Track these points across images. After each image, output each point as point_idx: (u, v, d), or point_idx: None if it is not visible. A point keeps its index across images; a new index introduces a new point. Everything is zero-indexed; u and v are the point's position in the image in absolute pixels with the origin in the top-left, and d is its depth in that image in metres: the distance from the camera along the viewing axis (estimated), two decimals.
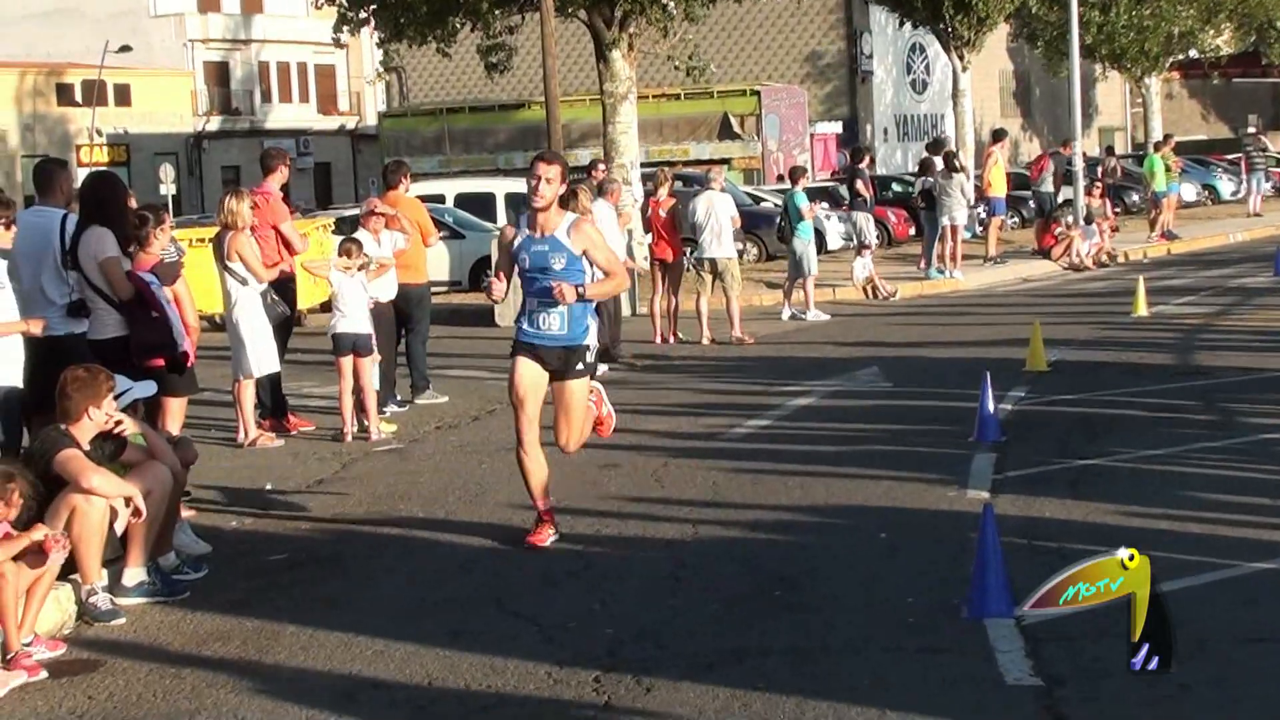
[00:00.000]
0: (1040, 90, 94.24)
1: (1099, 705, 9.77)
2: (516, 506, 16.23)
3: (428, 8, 38.29)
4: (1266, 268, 41.06)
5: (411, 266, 23.03)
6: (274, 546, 15.17)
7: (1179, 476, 16.62)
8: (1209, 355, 25.99)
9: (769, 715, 9.81)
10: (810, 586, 12.90)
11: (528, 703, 10.26)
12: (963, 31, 57.12)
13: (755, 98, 63.46)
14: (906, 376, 24.77)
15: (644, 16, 38.33)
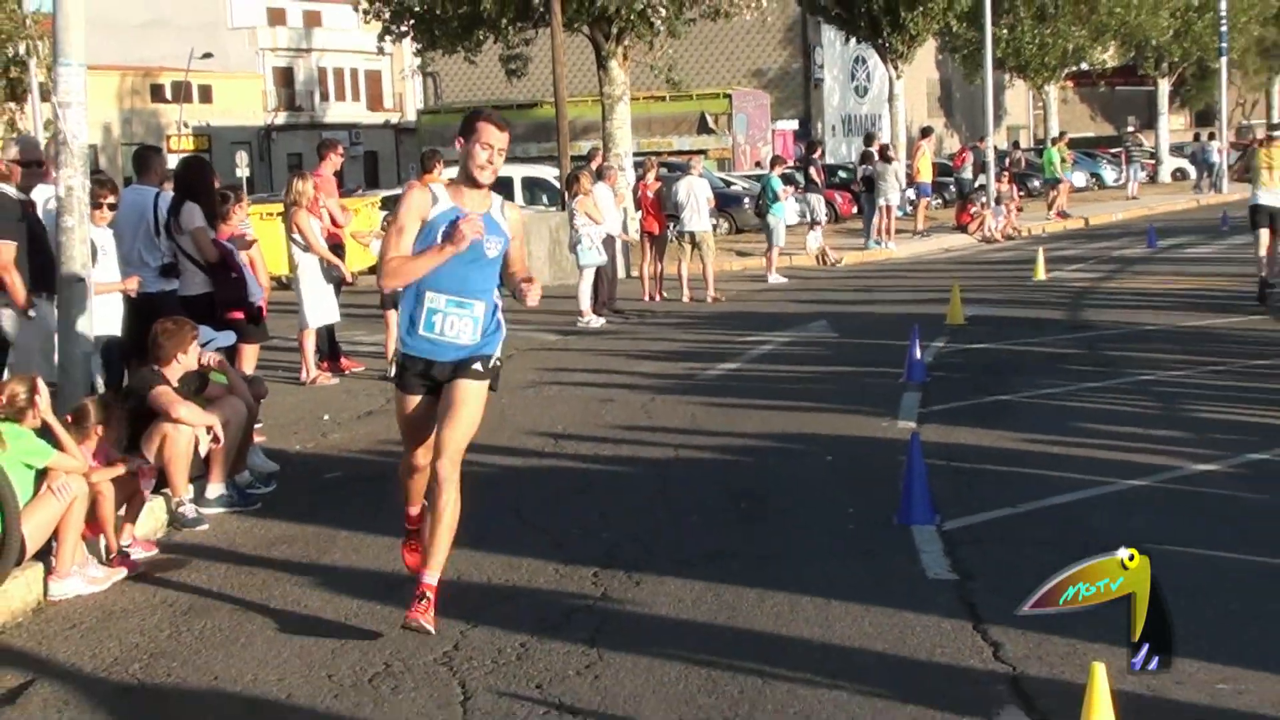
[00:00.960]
0: (960, 95, 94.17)
1: (1003, 596, 9.75)
2: (530, 433, 16.28)
3: (458, 23, 38.23)
4: (1141, 241, 41.10)
5: None
6: (330, 466, 15.17)
7: (1070, 410, 16.62)
8: (1095, 312, 25.98)
9: (736, 604, 9.83)
10: (770, 500, 12.92)
11: (538, 593, 10.29)
12: (897, 46, 57.07)
13: (727, 100, 63.48)
14: (850, 328, 24.73)
15: (635, 33, 38.38)
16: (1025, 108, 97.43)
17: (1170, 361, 19.76)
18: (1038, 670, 8.38)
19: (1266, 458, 13.72)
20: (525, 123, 62.05)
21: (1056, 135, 62.39)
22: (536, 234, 36.15)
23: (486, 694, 8.35)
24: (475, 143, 9.84)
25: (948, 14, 56.73)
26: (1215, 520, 11.70)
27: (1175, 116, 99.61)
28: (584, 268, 27.06)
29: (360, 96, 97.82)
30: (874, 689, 8.19)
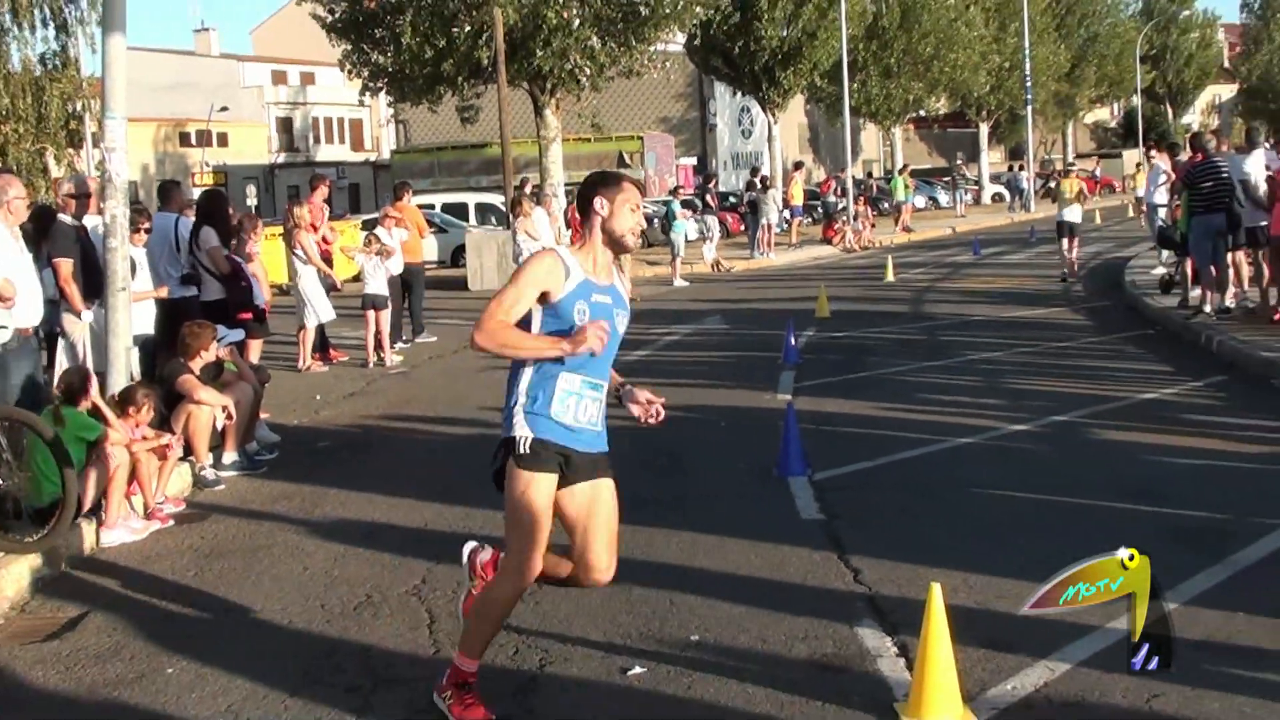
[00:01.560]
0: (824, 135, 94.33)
1: (863, 531, 9.78)
2: (484, 408, 16.12)
3: (422, 80, 38.33)
4: (968, 250, 41.30)
5: (413, 251, 23.08)
6: (322, 437, 15.05)
7: (913, 384, 16.65)
8: (933, 306, 26.07)
9: (650, 540, 9.76)
10: (675, 458, 12.86)
11: (491, 537, 10.20)
12: (774, 98, 57.19)
13: (640, 141, 63.47)
14: (738, 321, 24.74)
15: (565, 88, 38.49)
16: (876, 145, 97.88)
17: (992, 344, 19.85)
18: (889, 590, 8.37)
19: (1065, 419, 13.79)
20: (477, 159, 62.21)
21: (901, 167, 62.66)
22: (488, 249, 36.16)
23: (448, 618, 8.30)
24: (624, 204, 6.85)
25: (813, 73, 56.95)
26: (1026, 468, 11.74)
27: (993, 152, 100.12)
28: None
29: (346, 139, 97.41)
30: (759, 607, 8.17)
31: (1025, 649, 7.25)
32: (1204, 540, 9.16)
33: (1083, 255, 32.83)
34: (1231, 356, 17.25)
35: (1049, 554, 8.99)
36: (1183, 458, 11.90)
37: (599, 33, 37.54)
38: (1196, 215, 19.84)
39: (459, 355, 21.64)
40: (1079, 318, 23.25)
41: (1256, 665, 6.88)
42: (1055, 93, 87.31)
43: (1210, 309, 19.94)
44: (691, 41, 55.38)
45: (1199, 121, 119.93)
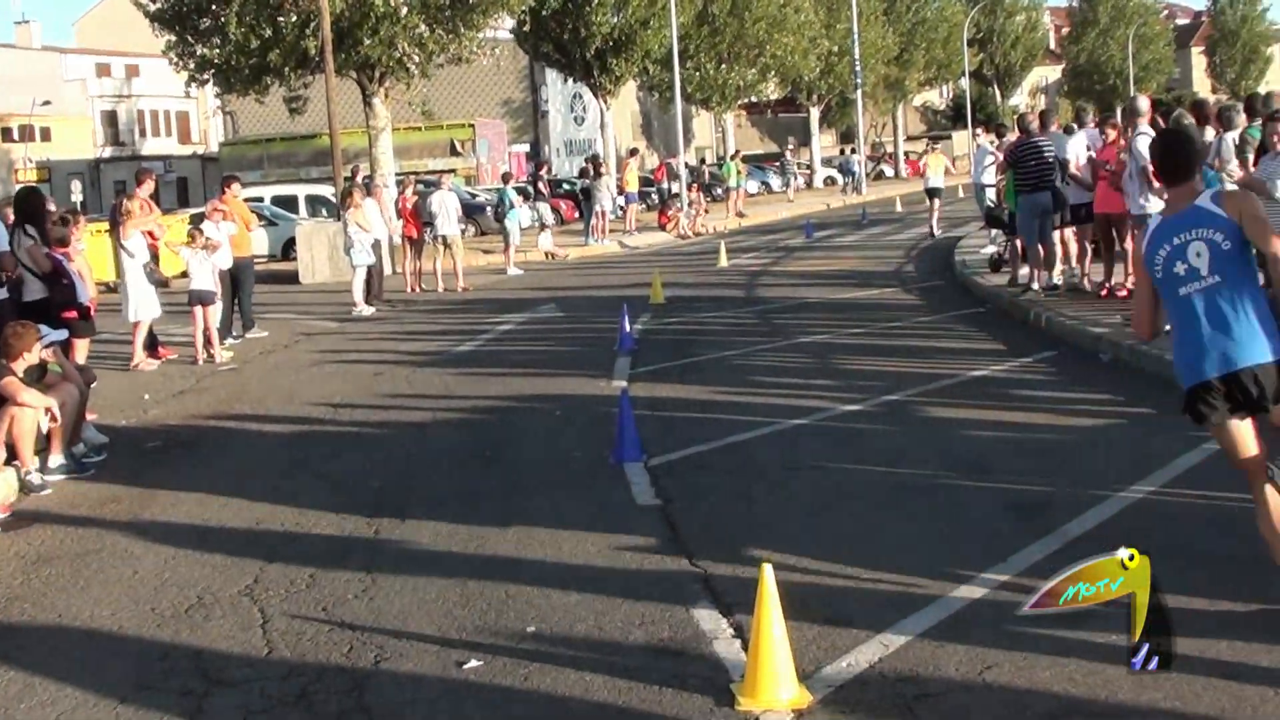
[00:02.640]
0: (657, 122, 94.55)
1: (697, 514, 9.84)
2: (314, 403, 16.05)
3: (249, 71, 37.89)
4: (801, 233, 41.68)
5: (241, 245, 22.75)
6: (151, 436, 14.78)
7: (747, 367, 16.77)
8: (766, 290, 26.28)
9: (484, 533, 9.76)
10: (510, 448, 12.84)
11: (323, 533, 10.13)
12: (606, 85, 57.36)
13: (471, 129, 63.34)
14: (573, 309, 24.73)
15: (394, 76, 38.24)
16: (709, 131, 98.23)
17: (825, 326, 20.07)
18: (725, 572, 8.42)
19: (897, 398, 13.96)
20: (307, 150, 61.70)
21: (733, 152, 63.05)
22: (319, 241, 35.86)
23: (281, 617, 8.21)
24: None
25: (645, 60, 57.14)
26: (859, 447, 11.87)
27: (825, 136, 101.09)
28: (356, 267, 26.79)
29: (173, 132, 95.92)
30: (595, 594, 8.17)
31: (860, 625, 7.34)
32: (1033, 512, 9.33)
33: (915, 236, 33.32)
34: (1060, 332, 17.61)
35: (882, 531, 9.17)
36: (1012, 432, 12.12)
37: (427, 20, 37.36)
38: (1022, 194, 20.22)
39: (289, 350, 21.41)
40: (910, 298, 23.57)
41: (1084, 630, 7.01)
42: (884, 76, 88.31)
43: (1038, 286, 20.33)
44: (521, 28, 55.21)
45: (1026, 102, 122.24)
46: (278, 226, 42.29)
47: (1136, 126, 16.94)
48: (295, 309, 28.04)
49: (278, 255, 41.64)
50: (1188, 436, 11.25)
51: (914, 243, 35.85)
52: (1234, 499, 9.25)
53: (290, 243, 39.78)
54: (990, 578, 7.99)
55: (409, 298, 29.34)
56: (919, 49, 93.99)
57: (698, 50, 66.31)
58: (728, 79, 68.46)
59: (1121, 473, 10.14)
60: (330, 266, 35.11)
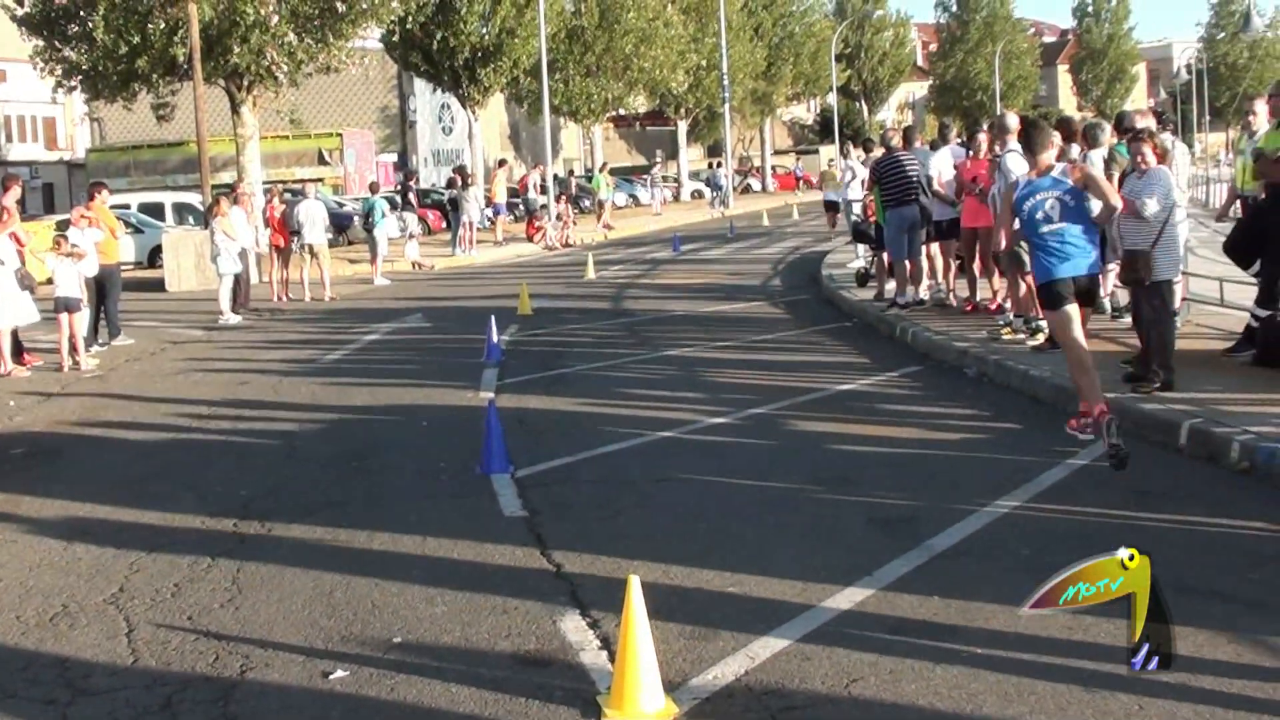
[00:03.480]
0: (526, 134, 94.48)
1: (563, 525, 9.85)
2: (180, 412, 15.87)
3: (117, 77, 37.39)
4: (669, 246, 41.83)
5: (108, 252, 22.50)
6: (16, 443, 14.56)
7: (615, 379, 16.81)
8: (633, 302, 26.36)
9: (350, 542, 9.73)
10: (377, 457, 12.78)
11: (189, 541, 9.99)
12: (474, 95, 57.26)
13: (339, 138, 63.08)
14: (440, 319, 24.66)
15: (263, 84, 37.94)
16: (577, 143, 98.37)
17: (692, 339, 20.17)
18: (591, 583, 8.44)
19: (764, 411, 14.06)
20: (175, 158, 61.09)
21: (602, 165, 63.21)
22: (185, 249, 35.55)
23: (147, 626, 8.11)
24: None
25: (514, 70, 57.08)
26: (725, 459, 11.94)
27: (693, 149, 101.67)
28: (223, 275, 26.60)
29: (39, 138, 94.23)
30: (462, 606, 8.16)
31: (726, 637, 7.39)
32: (898, 526, 9.45)
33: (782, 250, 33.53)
34: (926, 347, 17.83)
35: (749, 542, 9.22)
36: (878, 446, 12.26)
37: (296, 29, 37.07)
38: (889, 209, 20.47)
39: (156, 358, 21.17)
40: (778, 311, 23.76)
41: (951, 644, 7.12)
42: (752, 91, 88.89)
43: (904, 301, 20.58)
44: (390, 38, 55.02)
45: (893, 118, 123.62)
46: (144, 234, 41.95)
47: (1005, 144, 17.18)
48: (162, 317, 27.70)
49: (144, 262, 41.34)
50: (1051, 451, 11.52)
51: (781, 256, 36.16)
52: (1098, 514, 9.46)
53: (157, 250, 39.48)
54: (856, 591, 8.08)
55: (276, 306, 29.12)
56: (787, 63, 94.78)
57: (566, 62, 66.38)
58: (595, 92, 68.56)
59: (986, 487, 10.29)
60: (197, 274, 34.85)
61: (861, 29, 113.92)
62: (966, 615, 7.59)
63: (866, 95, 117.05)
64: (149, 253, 41.37)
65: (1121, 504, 9.76)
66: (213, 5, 35.85)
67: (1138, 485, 10.35)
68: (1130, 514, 9.53)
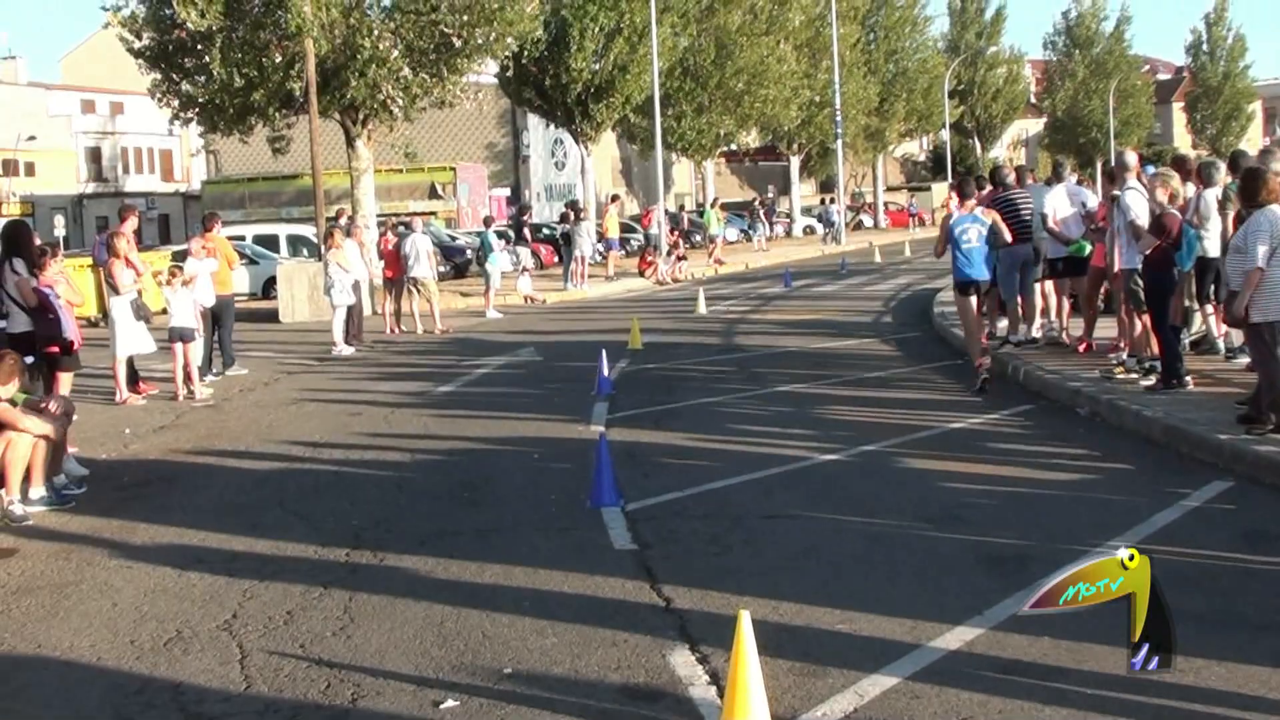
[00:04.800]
0: (637, 168, 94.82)
1: (673, 559, 9.87)
2: (292, 441, 16.07)
3: (234, 111, 37.87)
4: (780, 282, 41.73)
5: (223, 282, 22.80)
6: (131, 470, 14.80)
7: (725, 414, 16.81)
8: (744, 338, 26.34)
9: (461, 572, 9.81)
10: (488, 489, 12.87)
11: (301, 569, 10.12)
12: (587, 131, 57.51)
13: (452, 172, 63.46)
14: (551, 353, 24.77)
15: (378, 118, 38.34)
16: (688, 178, 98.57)
17: (803, 375, 20.12)
18: (701, 618, 8.45)
19: (874, 448, 14.01)
20: (289, 190, 61.85)
21: (713, 200, 63.27)
22: (299, 280, 35.99)
23: (260, 653, 8.23)
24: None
25: (626, 107, 57.32)
26: (835, 496, 11.91)
27: (805, 185, 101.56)
28: (336, 307, 26.84)
29: (155, 169, 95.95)
30: (573, 637, 8.21)
31: (835, 674, 7.38)
32: (1008, 565, 9.38)
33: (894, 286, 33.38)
34: (1038, 386, 17.68)
35: (857, 580, 9.20)
36: (989, 484, 12.18)
37: (412, 64, 37.45)
38: (1004, 247, 20.25)
39: (269, 388, 21.44)
40: (888, 348, 23.66)
41: (1061, 685, 7.08)
42: (865, 127, 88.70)
43: (1016, 339, 20.40)
44: (504, 73, 55.43)
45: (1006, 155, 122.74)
46: (259, 265, 42.50)
47: (1125, 181, 17.01)
48: (275, 347, 28.07)
49: (258, 294, 41.84)
50: (1164, 493, 11.41)
51: (893, 293, 36.01)
52: (1210, 556, 9.36)
53: (270, 281, 39.99)
54: (966, 630, 8.04)
55: (388, 339, 29.39)
56: (900, 100, 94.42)
57: (678, 98, 66.58)
58: (707, 128, 68.69)
59: (1098, 528, 10.19)
60: (310, 306, 35.28)
61: (975, 65, 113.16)
62: (1077, 657, 7.53)
63: (979, 132, 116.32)
64: (263, 284, 41.95)
65: (1234, 546, 9.65)
66: (329, 40, 36.30)
67: (1251, 527, 10.24)
68: (1244, 556, 9.42)
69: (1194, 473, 12.35)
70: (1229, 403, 13.83)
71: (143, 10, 37.52)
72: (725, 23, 66.81)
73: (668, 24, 57.17)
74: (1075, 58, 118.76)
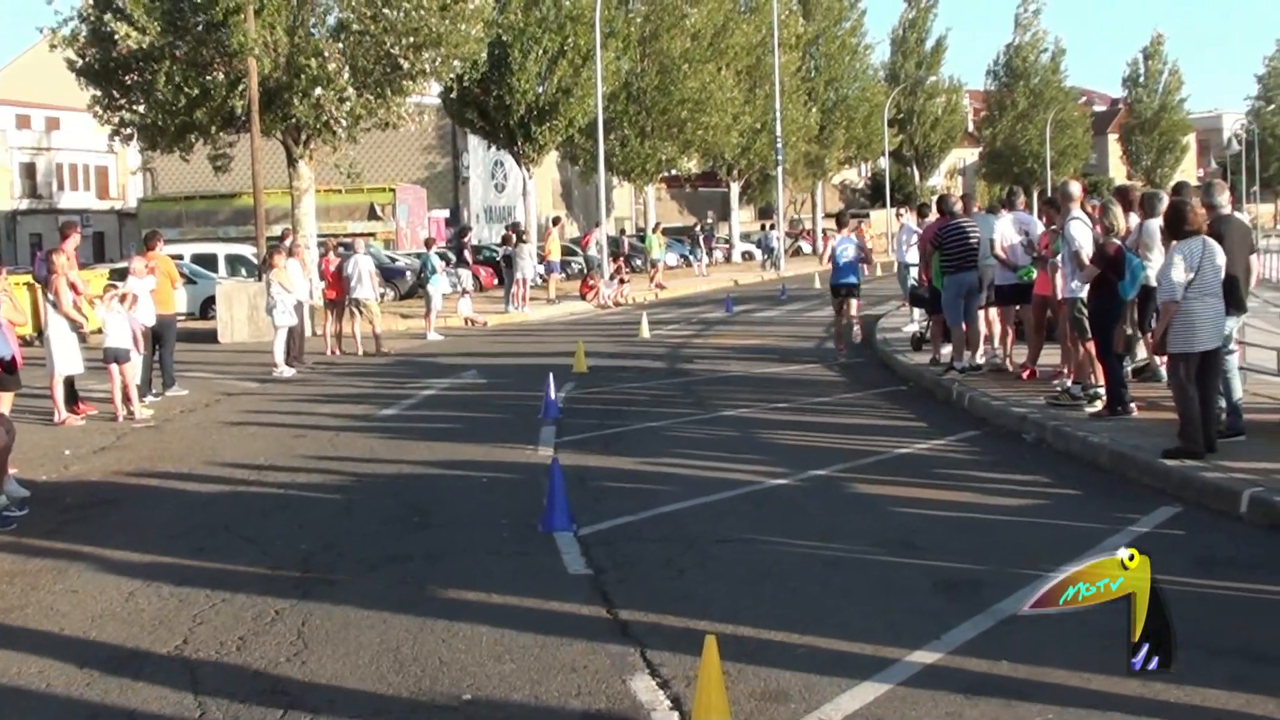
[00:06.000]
0: (578, 192, 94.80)
1: (629, 584, 9.83)
2: (236, 464, 15.92)
3: (175, 129, 37.64)
4: (721, 307, 41.87)
5: (164, 302, 22.62)
6: (73, 492, 14.62)
7: (674, 439, 16.79)
8: (689, 362, 26.36)
9: (414, 597, 9.72)
10: (438, 513, 12.80)
11: (252, 594, 10.01)
12: (529, 153, 57.47)
13: (392, 193, 63.26)
14: (496, 376, 24.70)
15: (321, 138, 38.21)
16: (629, 203, 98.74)
17: (749, 400, 20.14)
18: (659, 643, 8.42)
19: (824, 473, 14.04)
20: (227, 209, 61.55)
21: (655, 225, 63.38)
22: (239, 300, 35.78)
23: (213, 679, 8.13)
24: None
25: (569, 129, 57.35)
26: (788, 520, 11.91)
27: (744, 211, 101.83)
28: (279, 328, 26.70)
29: (91, 187, 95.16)
30: (532, 662, 8.16)
31: (797, 699, 7.36)
32: (963, 590, 9.41)
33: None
34: (983, 412, 17.77)
35: (814, 604, 9.19)
36: (940, 510, 12.21)
37: (356, 85, 37.35)
38: (948, 274, 20.45)
39: (211, 409, 21.27)
40: (833, 374, 23.72)
41: (1023, 704, 7.09)
42: (805, 153, 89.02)
43: (961, 366, 20.51)
44: (447, 94, 55.34)
45: (944, 183, 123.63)
46: (197, 285, 42.20)
47: (1069, 211, 17.18)
48: (214, 368, 27.86)
49: (196, 314, 41.55)
50: (1113, 518, 11.49)
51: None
52: (1162, 580, 9.34)
53: (209, 301, 39.78)
54: (926, 654, 8.04)
55: (329, 360, 29.24)
56: (839, 127, 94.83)
57: (622, 123, 66.68)
58: (650, 153, 68.81)
59: (1051, 553, 10.20)
60: (250, 326, 35.11)
61: (914, 94, 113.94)
62: (1038, 679, 7.55)
63: (918, 160, 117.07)
64: (201, 304, 41.69)
65: (1187, 571, 9.70)
66: (273, 60, 36.19)
67: (1203, 552, 10.32)
68: (1196, 581, 9.48)
69: (1141, 498, 12.46)
70: (1173, 429, 13.93)
71: (84, 29, 37.21)
72: (668, 48, 67.04)
73: (612, 49, 57.26)
74: (1017, 89, 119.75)
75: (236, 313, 35.92)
